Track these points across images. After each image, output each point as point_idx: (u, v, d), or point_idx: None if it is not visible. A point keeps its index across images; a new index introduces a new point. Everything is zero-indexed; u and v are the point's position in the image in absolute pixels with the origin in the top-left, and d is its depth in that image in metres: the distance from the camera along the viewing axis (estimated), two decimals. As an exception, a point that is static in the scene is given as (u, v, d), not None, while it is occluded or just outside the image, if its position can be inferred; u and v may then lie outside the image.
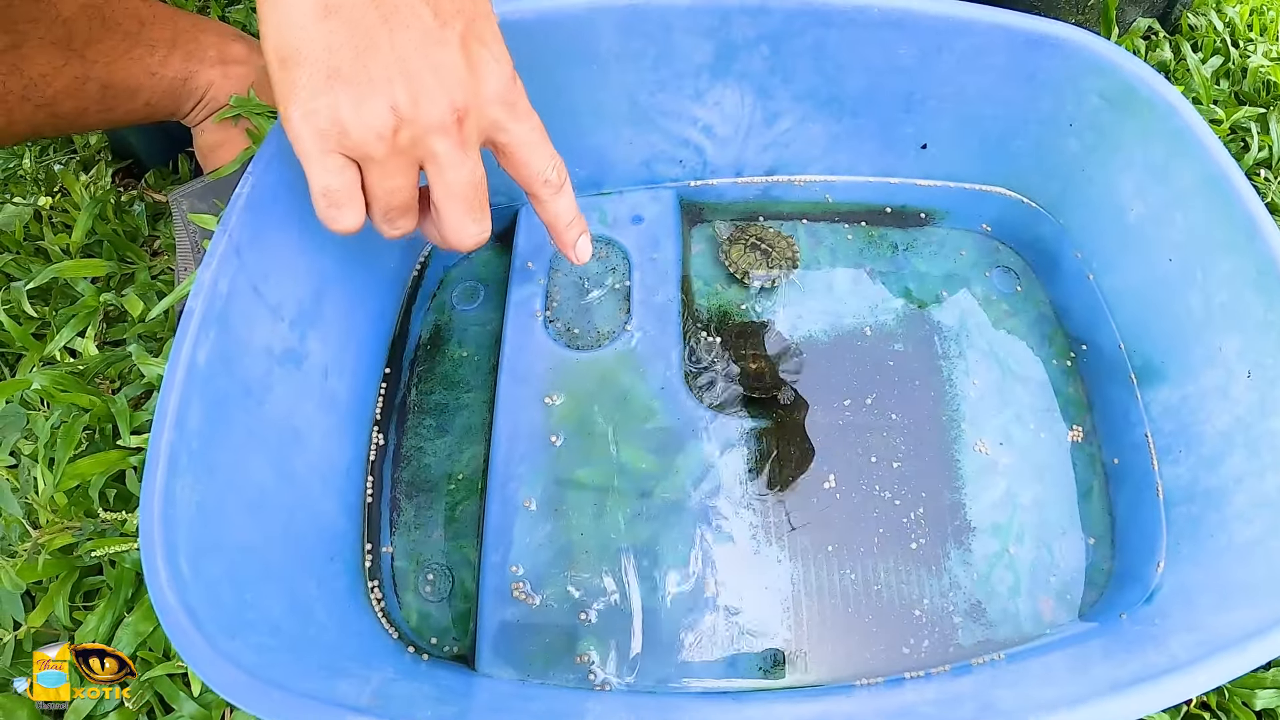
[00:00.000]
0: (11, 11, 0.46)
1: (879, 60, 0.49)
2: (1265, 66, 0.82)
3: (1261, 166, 0.75)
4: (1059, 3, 0.68)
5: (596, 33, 0.46)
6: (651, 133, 0.53)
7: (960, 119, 0.53)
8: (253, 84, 0.59)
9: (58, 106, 0.51)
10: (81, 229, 0.64)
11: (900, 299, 0.54)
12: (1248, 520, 0.40)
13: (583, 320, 0.52)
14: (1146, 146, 0.47)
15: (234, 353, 0.36)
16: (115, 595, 0.45)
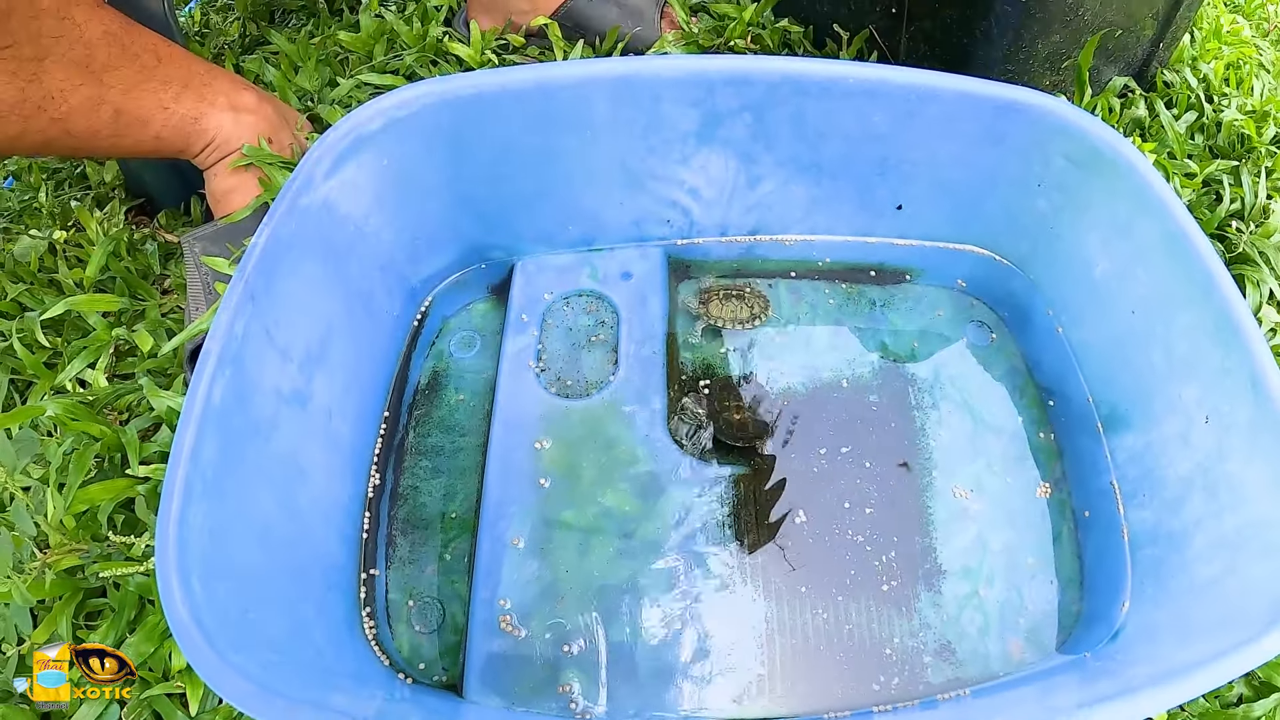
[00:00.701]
0: (38, 25, 0.51)
1: (855, 127, 0.55)
2: (1239, 120, 0.87)
3: (1234, 218, 0.79)
4: (1033, 66, 0.73)
5: (590, 102, 0.51)
6: (641, 194, 0.58)
7: (933, 181, 0.58)
8: (262, 133, 0.64)
9: (71, 124, 0.55)
10: (95, 265, 0.68)
11: (876, 353, 0.58)
12: (1207, 560, 0.44)
13: (573, 370, 0.56)
14: (1111, 205, 0.52)
15: (246, 392, 0.40)
16: (119, 616, 0.48)
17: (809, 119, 0.54)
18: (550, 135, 0.53)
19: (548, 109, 0.51)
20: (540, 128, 0.52)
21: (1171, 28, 0.84)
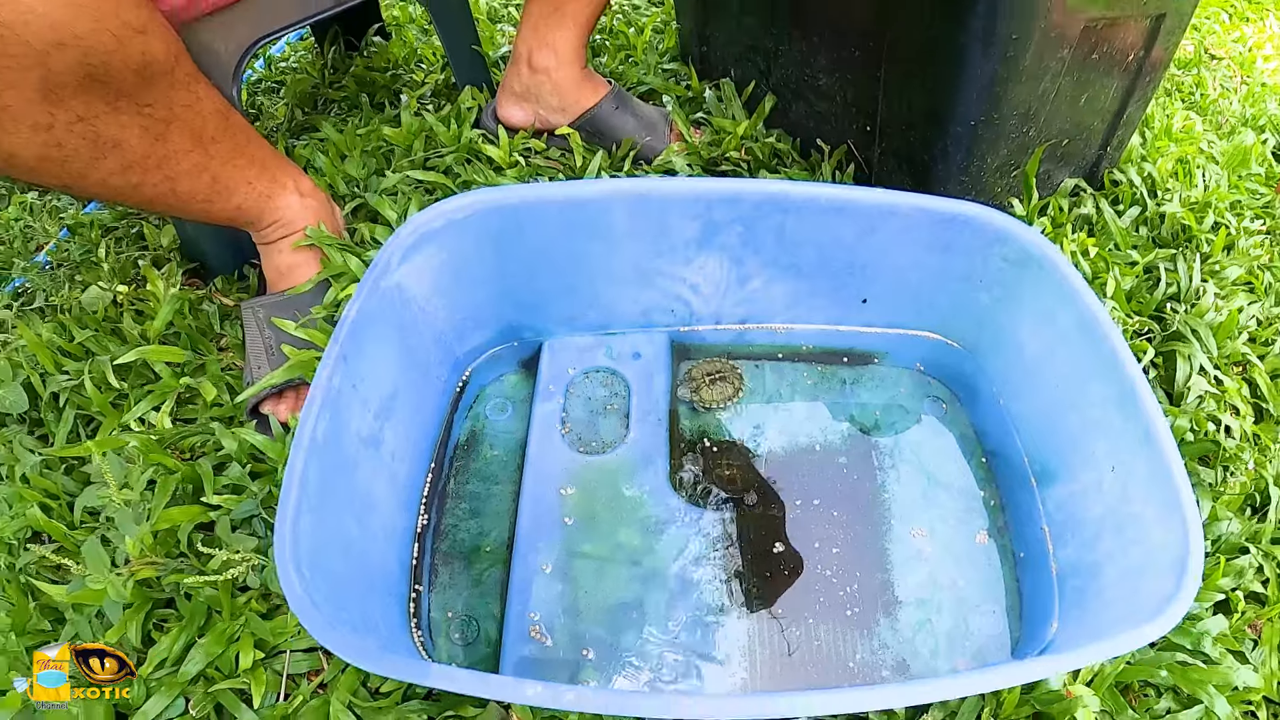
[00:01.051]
0: (173, 93, 0.62)
1: (826, 237, 0.68)
2: (1180, 213, 1.01)
3: (1171, 300, 0.91)
4: (986, 176, 0.87)
5: (611, 214, 0.65)
6: (650, 289, 0.71)
7: (894, 280, 0.71)
8: (321, 218, 0.78)
9: (178, 183, 0.66)
10: (163, 319, 0.80)
11: (846, 423, 0.70)
12: (1116, 584, 0.54)
13: (592, 432, 0.68)
14: (1037, 298, 0.64)
15: (338, 432, 0.52)
16: (189, 623, 0.58)
17: (789, 230, 0.67)
18: (577, 240, 0.66)
19: (576, 218, 0.65)
20: (570, 233, 0.65)
21: (1117, 135, 0.98)
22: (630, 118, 0.98)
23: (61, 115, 0.55)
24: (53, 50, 0.51)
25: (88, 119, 0.57)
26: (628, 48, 1.25)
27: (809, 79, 0.95)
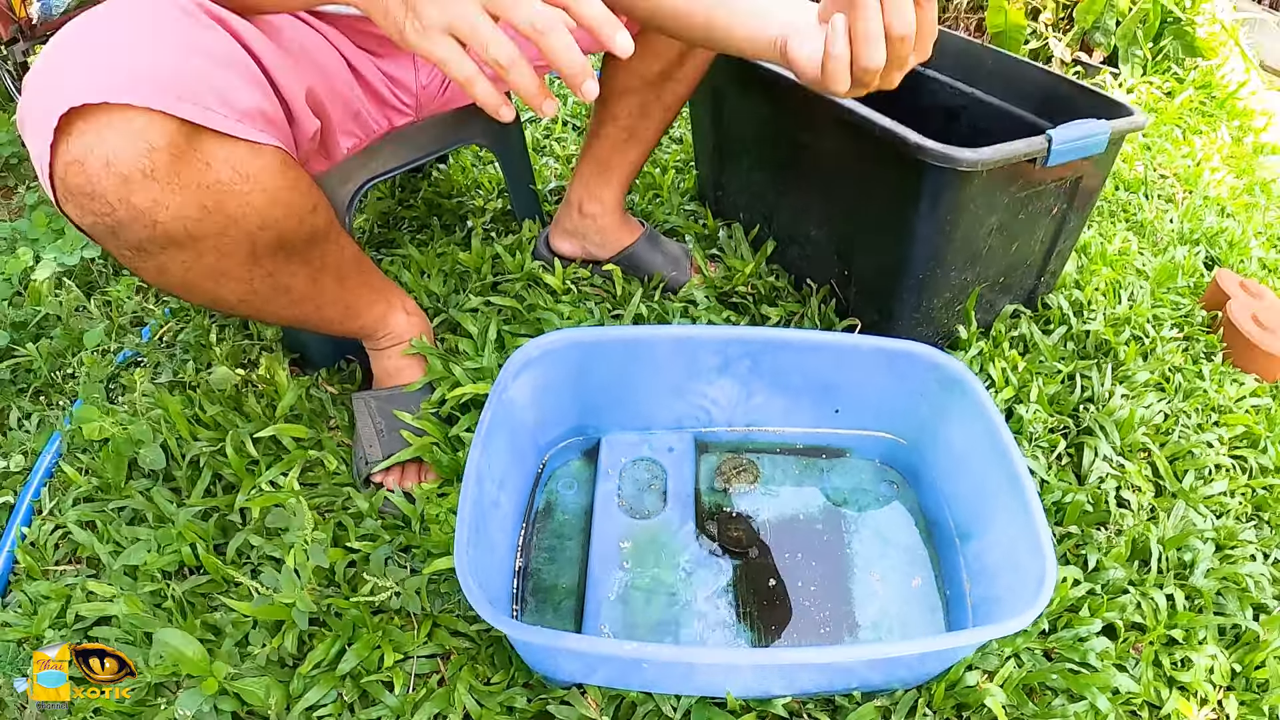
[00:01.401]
0: (327, 246, 0.86)
1: (809, 366, 0.97)
2: (1100, 330, 1.29)
3: (1086, 401, 1.19)
4: (935, 312, 1.16)
5: (656, 350, 0.94)
6: (682, 402, 1.00)
7: (858, 396, 0.99)
8: (422, 331, 1.05)
9: (323, 311, 0.92)
10: (288, 401, 1.07)
11: (823, 499, 0.98)
12: (1009, 606, 0.81)
13: (640, 504, 0.96)
14: (960, 410, 0.92)
15: (480, 497, 0.79)
16: (338, 636, 0.82)
17: (782, 362, 0.96)
18: (631, 367, 0.95)
19: (632, 353, 0.94)
20: (626, 363, 0.95)
21: (1049, 268, 1.27)
22: (659, 255, 1.29)
23: (258, 272, 0.81)
24: (258, 232, 0.77)
25: (273, 273, 0.83)
26: (655, 187, 1.57)
27: (801, 229, 1.25)
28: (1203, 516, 1.06)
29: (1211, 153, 2.39)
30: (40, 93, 0.64)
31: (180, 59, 0.66)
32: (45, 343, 1.30)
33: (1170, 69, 2.64)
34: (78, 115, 0.62)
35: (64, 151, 0.64)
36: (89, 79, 0.62)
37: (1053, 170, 1.07)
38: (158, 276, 0.76)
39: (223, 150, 0.70)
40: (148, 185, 0.66)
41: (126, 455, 1.04)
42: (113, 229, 0.68)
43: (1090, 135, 1.06)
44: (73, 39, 0.66)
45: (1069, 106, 1.23)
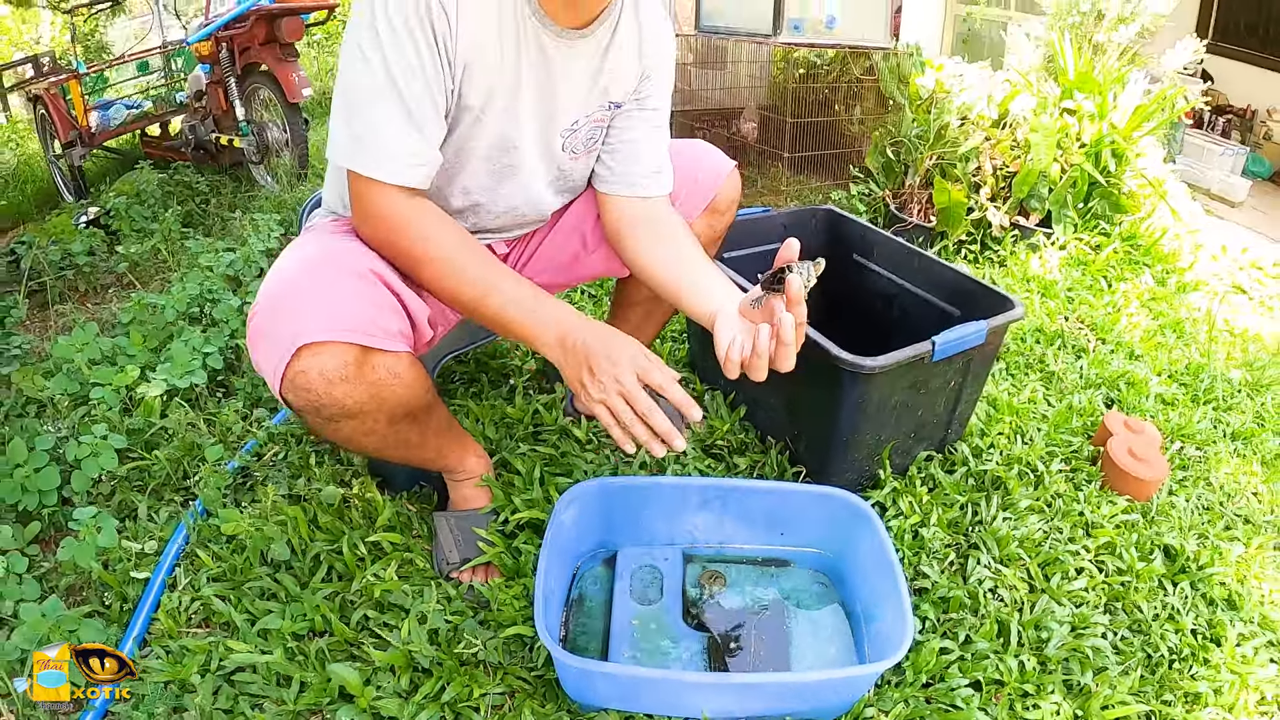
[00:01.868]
0: (430, 413, 1.31)
1: (763, 505, 1.45)
2: (993, 468, 1.77)
3: (977, 524, 1.65)
4: (859, 460, 1.64)
5: (656, 493, 1.43)
6: (674, 528, 1.48)
7: (797, 523, 1.47)
8: (488, 470, 1.54)
9: (423, 453, 1.38)
10: (386, 515, 1.55)
11: (772, 595, 1.45)
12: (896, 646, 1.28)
13: (644, 595, 1.43)
14: (865, 534, 1.39)
15: (545, 586, 1.26)
16: (439, 678, 1.30)
17: (743, 502, 1.45)
18: (640, 504, 1.44)
19: (645, 495, 1.43)
20: (640, 502, 1.43)
21: (955, 422, 1.76)
22: None
23: (392, 430, 1.29)
24: (397, 407, 1.26)
25: (401, 431, 1.31)
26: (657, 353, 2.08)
27: (765, 398, 1.76)
28: (1062, 606, 1.50)
29: (1132, 297, 2.90)
30: (274, 332, 1.14)
31: (359, 309, 1.17)
32: (164, 450, 1.80)
33: (1099, 225, 3.17)
34: (304, 347, 1.13)
35: (293, 367, 1.13)
36: (310, 325, 1.12)
37: (941, 362, 1.57)
38: (333, 434, 1.25)
39: (382, 360, 1.20)
40: (342, 384, 1.16)
41: (259, 548, 1.51)
42: (317, 409, 1.18)
43: (968, 336, 1.56)
44: (288, 298, 1.16)
45: (971, 298, 1.76)
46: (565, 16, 1.27)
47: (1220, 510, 1.85)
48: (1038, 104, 3.07)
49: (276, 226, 3.06)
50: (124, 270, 3.13)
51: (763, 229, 2.10)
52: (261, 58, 3.65)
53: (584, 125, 1.41)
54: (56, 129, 4.46)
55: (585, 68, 1.36)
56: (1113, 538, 1.67)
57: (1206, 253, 3.35)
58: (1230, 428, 2.19)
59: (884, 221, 3.19)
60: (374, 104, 1.17)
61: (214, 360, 2.12)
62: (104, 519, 1.53)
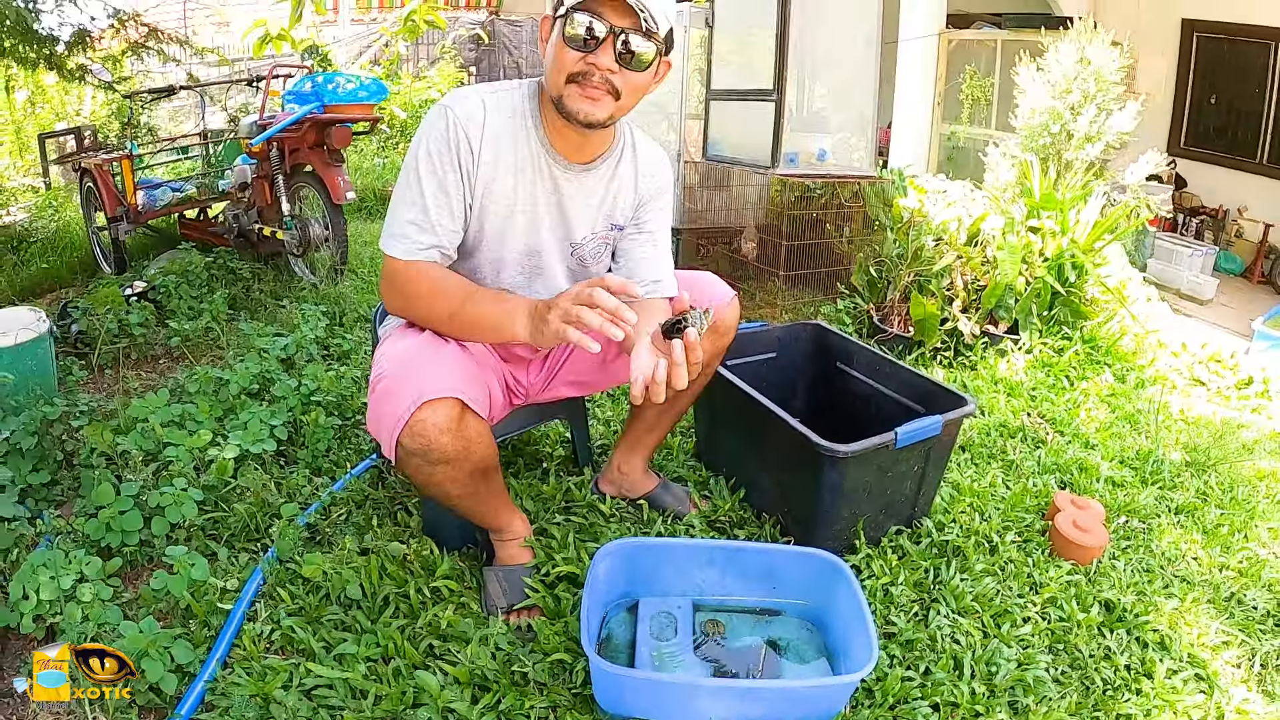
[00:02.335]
0: (494, 475, 1.75)
1: (757, 564, 1.81)
2: (953, 539, 2.13)
3: (937, 584, 2.00)
4: (837, 531, 2.00)
5: (671, 552, 1.79)
6: (684, 581, 1.83)
7: (787, 579, 1.82)
8: (529, 534, 1.90)
9: (484, 508, 1.79)
10: (445, 567, 1.90)
11: (766, 637, 1.80)
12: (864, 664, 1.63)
13: (661, 635, 1.77)
14: (842, 588, 1.74)
15: (588, 627, 1.62)
16: (497, 691, 1.64)
17: (743, 561, 1.80)
18: (658, 562, 1.80)
19: (661, 555, 1.79)
20: (657, 560, 1.79)
21: (920, 501, 2.13)
22: (670, 496, 2.17)
23: (469, 481, 1.66)
24: (477, 460, 1.64)
25: (475, 483, 1.68)
26: (668, 448, 2.49)
27: (759, 481, 2.14)
28: (1010, 647, 1.83)
29: (1092, 394, 3.28)
30: (401, 390, 1.54)
31: (460, 380, 1.58)
32: (241, 505, 2.15)
33: (1061, 331, 3.57)
34: (426, 402, 1.52)
35: (415, 416, 1.52)
36: (430, 385, 1.53)
37: (904, 449, 1.95)
38: (428, 476, 1.61)
39: (472, 420, 1.59)
40: (447, 434, 1.55)
41: (335, 588, 1.86)
42: (426, 452, 1.55)
43: (926, 427, 1.95)
44: (411, 366, 1.59)
45: (932, 397, 2.15)
46: (573, 155, 1.73)
47: (1159, 572, 2.16)
48: (1005, 224, 3.51)
49: (322, 318, 3.45)
50: (176, 344, 3.50)
51: (760, 340, 2.54)
52: (309, 159, 4.05)
53: (590, 241, 1.83)
54: (103, 203, 4.75)
55: (591, 195, 1.79)
56: (1056, 593, 2.00)
57: (1168, 350, 3.74)
58: (1174, 503, 2.51)
59: (867, 332, 3.61)
60: (405, 210, 1.64)
61: (280, 432, 2.50)
62: (195, 556, 1.88)
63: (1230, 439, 2.99)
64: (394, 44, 9.91)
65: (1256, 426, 3.18)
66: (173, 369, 3.40)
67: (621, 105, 1.62)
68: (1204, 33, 7.05)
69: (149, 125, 7.43)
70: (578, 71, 1.55)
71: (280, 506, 2.16)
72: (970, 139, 5.96)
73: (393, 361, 1.63)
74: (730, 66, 4.39)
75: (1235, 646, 1.91)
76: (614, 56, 1.55)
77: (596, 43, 1.53)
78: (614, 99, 1.59)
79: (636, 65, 1.58)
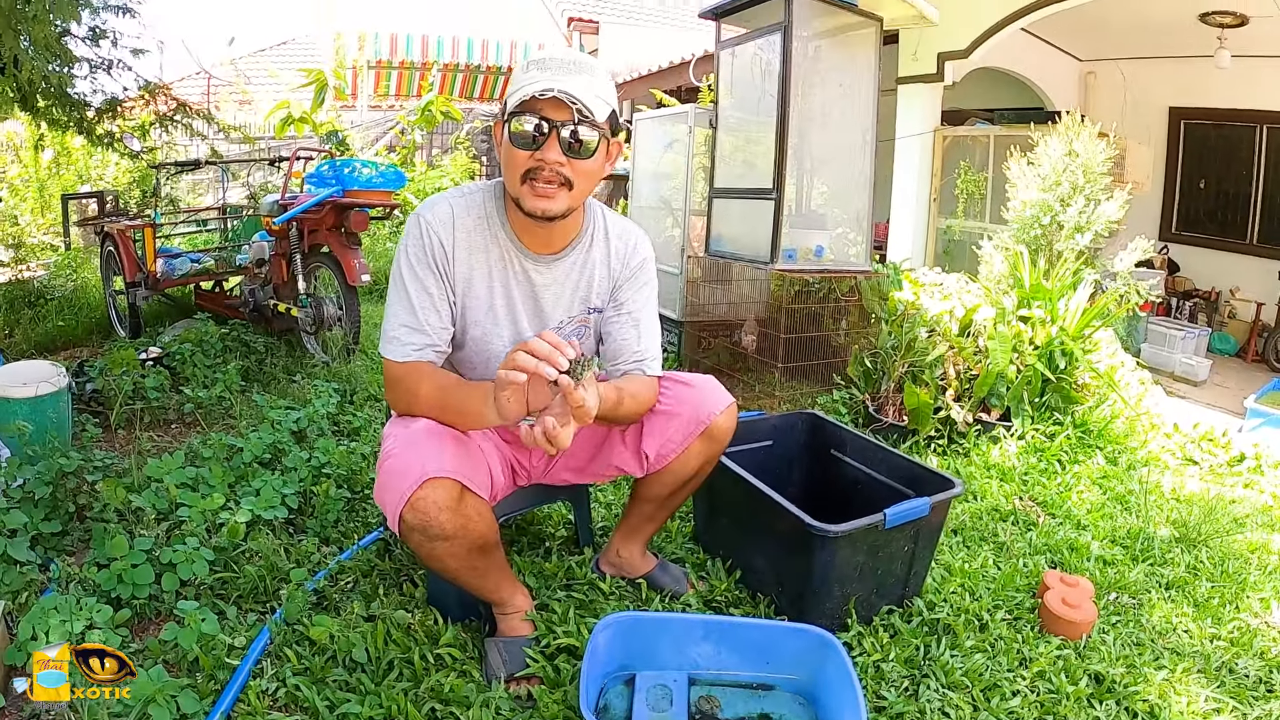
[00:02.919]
0: (495, 551, 1.84)
1: (751, 639, 1.87)
2: (944, 617, 2.18)
3: (927, 659, 2.05)
4: (831, 608, 2.06)
5: (667, 627, 1.85)
6: (681, 656, 1.89)
7: (779, 654, 1.88)
8: (531, 609, 1.97)
9: (485, 583, 1.87)
10: (449, 635, 1.97)
11: (759, 713, 1.85)
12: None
13: (657, 706, 1.83)
14: (831, 661, 1.80)
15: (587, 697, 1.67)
16: None
17: (737, 636, 1.87)
18: (654, 638, 1.86)
19: (657, 629, 1.85)
20: (653, 635, 1.86)
21: (911, 582, 2.19)
22: (668, 576, 2.24)
23: (468, 556, 1.75)
24: (476, 538, 1.73)
25: (475, 558, 1.77)
26: (666, 531, 2.57)
27: (754, 562, 2.21)
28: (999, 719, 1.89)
29: (1083, 476, 3.35)
30: (406, 468, 1.64)
31: (463, 462, 1.68)
32: (251, 567, 2.22)
33: (1053, 416, 3.66)
34: (428, 479, 1.61)
35: (417, 493, 1.61)
36: (433, 465, 1.63)
37: (894, 529, 2.02)
38: (429, 550, 1.70)
39: (472, 500, 1.69)
40: (446, 511, 1.64)
41: (341, 651, 1.92)
42: (425, 527, 1.64)
43: (914, 508, 2.03)
44: (417, 446, 1.68)
45: (921, 481, 2.23)
46: (541, 248, 1.86)
47: (1149, 645, 2.20)
48: (996, 314, 3.62)
49: (334, 394, 3.55)
50: (189, 410, 3.61)
51: (757, 429, 2.64)
52: (327, 240, 4.19)
53: (568, 325, 1.95)
54: (123, 268, 4.91)
55: (564, 283, 1.92)
56: (1045, 667, 2.05)
57: (1160, 432, 3.83)
58: (1165, 578, 2.58)
59: (863, 422, 3.71)
60: (396, 314, 1.78)
61: (291, 500, 2.58)
62: (205, 611, 1.94)
63: (1222, 514, 3.06)
64: (410, 132, 10.22)
65: (1248, 501, 3.27)
66: (185, 433, 3.51)
67: (576, 194, 1.73)
68: (1191, 119, 7.28)
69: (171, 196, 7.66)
70: (529, 168, 1.68)
71: (289, 571, 2.24)
72: (966, 232, 6.13)
73: (400, 440, 1.73)
74: (733, 165, 4.59)
75: (1226, 713, 1.96)
76: (560, 150, 1.66)
77: (542, 139, 1.66)
78: (567, 189, 1.71)
79: (584, 153, 1.69)
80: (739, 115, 4.52)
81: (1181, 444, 3.75)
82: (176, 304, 5.56)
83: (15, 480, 2.40)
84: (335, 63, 10.19)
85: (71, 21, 3.95)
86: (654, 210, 5.07)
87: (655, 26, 13.78)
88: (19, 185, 8.31)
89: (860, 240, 4.36)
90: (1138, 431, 3.76)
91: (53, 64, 3.92)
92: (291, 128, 9.34)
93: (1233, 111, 6.84)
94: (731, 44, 4.50)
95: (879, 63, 4.39)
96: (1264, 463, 3.58)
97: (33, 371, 2.91)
